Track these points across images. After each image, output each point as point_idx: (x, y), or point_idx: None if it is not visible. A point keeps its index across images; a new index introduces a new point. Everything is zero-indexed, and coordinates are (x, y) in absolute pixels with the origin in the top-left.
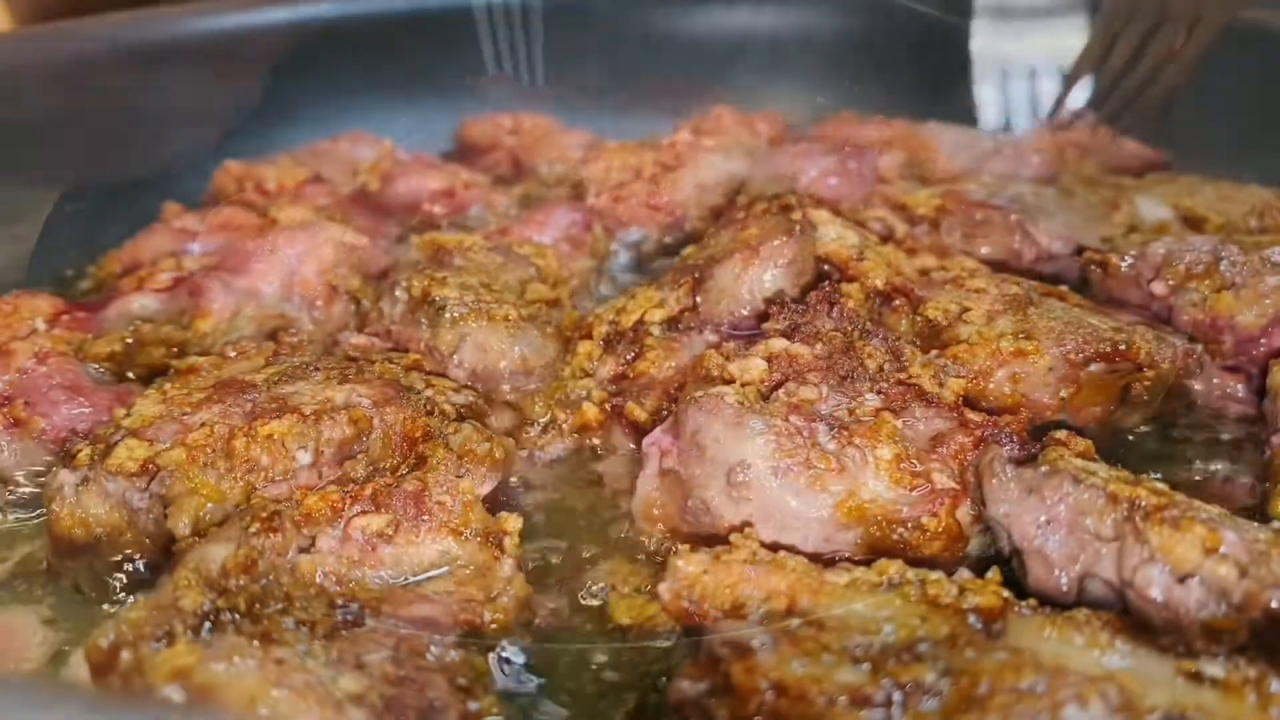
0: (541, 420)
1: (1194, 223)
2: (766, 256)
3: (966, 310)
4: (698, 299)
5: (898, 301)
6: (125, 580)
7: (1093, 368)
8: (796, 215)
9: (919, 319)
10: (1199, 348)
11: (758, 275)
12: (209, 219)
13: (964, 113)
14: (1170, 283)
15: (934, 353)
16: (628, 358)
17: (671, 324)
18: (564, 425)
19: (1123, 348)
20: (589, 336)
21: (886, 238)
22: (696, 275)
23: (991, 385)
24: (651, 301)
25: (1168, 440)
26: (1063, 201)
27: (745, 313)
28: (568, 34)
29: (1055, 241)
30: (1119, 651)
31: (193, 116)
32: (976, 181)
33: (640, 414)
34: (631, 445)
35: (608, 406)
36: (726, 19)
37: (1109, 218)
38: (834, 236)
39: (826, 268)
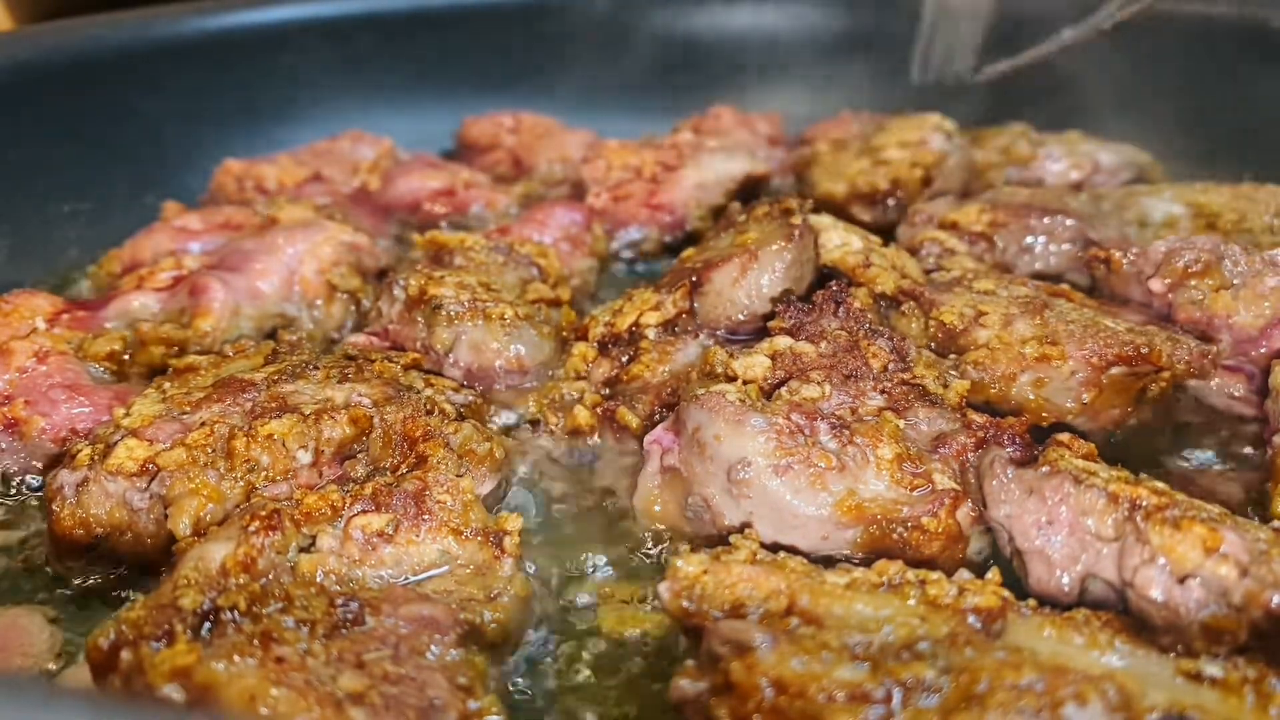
0: (534, 420)
1: (1209, 220)
2: (764, 261)
3: (982, 314)
4: (694, 303)
5: (906, 305)
6: (126, 580)
7: (1114, 371)
8: (796, 219)
9: (933, 323)
10: (1214, 349)
11: (755, 280)
12: (209, 218)
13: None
14: (1167, 280)
15: (952, 357)
16: (622, 360)
17: (667, 327)
18: (554, 427)
19: (1145, 351)
20: (585, 338)
21: (934, 270)
22: (694, 279)
23: (1014, 390)
24: (648, 304)
25: (1168, 439)
26: (1096, 204)
27: (742, 317)
28: (569, 33)
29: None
30: (1118, 651)
31: (192, 116)
32: (1011, 188)
33: (632, 419)
34: (623, 447)
35: (599, 410)
36: (727, 19)
37: (1119, 215)
38: (838, 243)
39: (831, 275)
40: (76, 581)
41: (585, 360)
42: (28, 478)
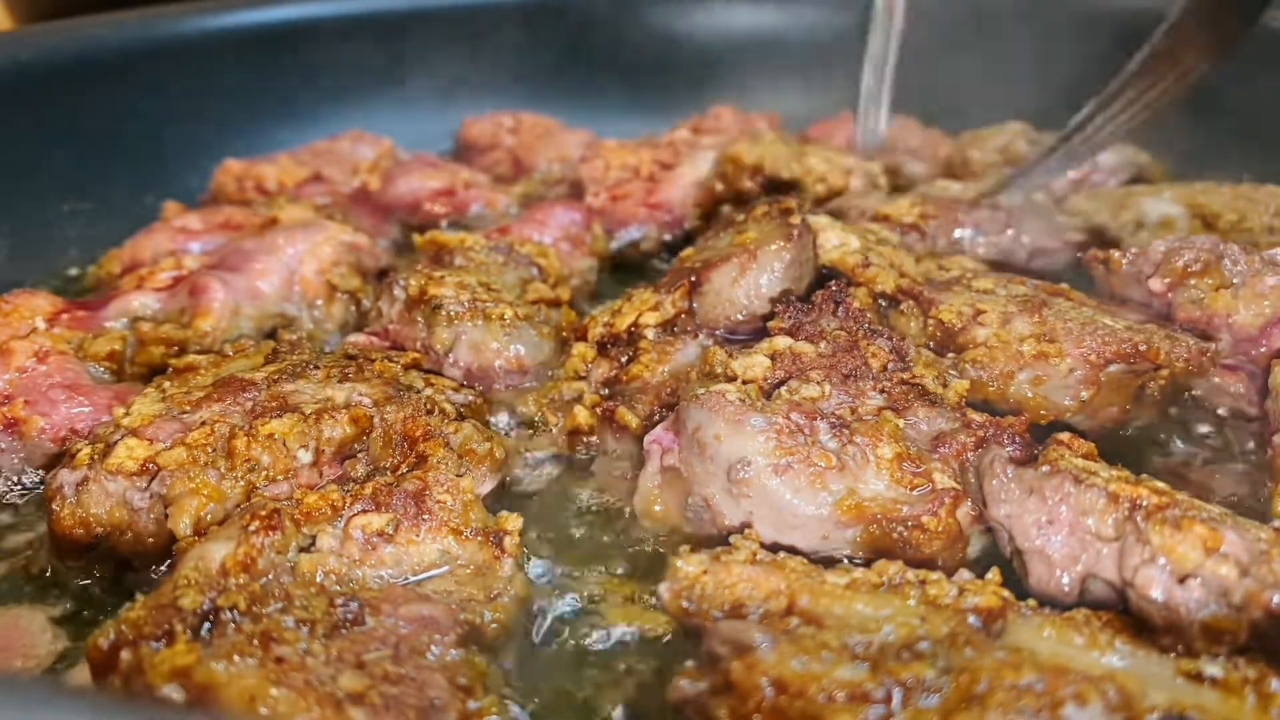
0: (533, 420)
1: (1208, 221)
2: (764, 261)
3: (980, 312)
4: (694, 303)
5: (905, 304)
6: (126, 580)
7: (1112, 368)
8: (795, 219)
9: (931, 322)
10: (1212, 346)
11: (754, 280)
12: (209, 218)
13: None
14: (1167, 280)
15: (951, 355)
16: (621, 361)
17: (667, 327)
18: (554, 428)
19: (1143, 348)
20: (584, 338)
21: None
22: (693, 279)
23: (1013, 388)
24: (647, 304)
25: (1169, 439)
26: (1095, 204)
27: (741, 317)
28: (569, 33)
29: (1043, 237)
30: (1119, 651)
31: (192, 116)
32: (948, 183)
33: (631, 419)
34: (623, 448)
35: (599, 410)
36: (727, 19)
37: (1116, 216)
38: (837, 243)
39: (830, 275)
40: (76, 581)
41: (585, 360)
42: (28, 477)
